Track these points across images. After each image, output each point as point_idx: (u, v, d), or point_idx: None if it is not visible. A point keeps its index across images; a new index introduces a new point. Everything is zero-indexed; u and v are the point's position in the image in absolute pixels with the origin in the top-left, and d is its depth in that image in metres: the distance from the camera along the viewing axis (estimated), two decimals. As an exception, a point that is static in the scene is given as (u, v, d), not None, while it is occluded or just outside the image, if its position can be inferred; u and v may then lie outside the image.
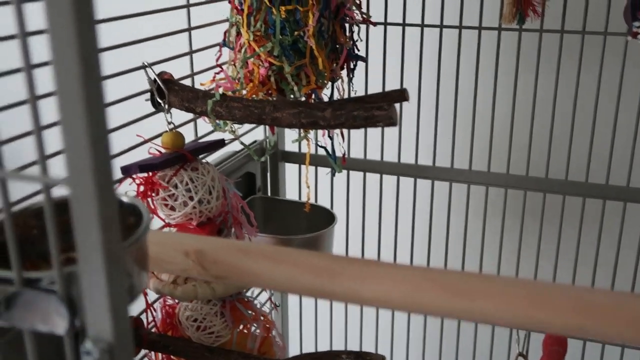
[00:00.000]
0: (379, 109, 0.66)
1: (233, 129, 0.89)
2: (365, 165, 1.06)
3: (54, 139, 0.39)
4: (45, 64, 0.51)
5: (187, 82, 0.82)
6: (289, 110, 0.70)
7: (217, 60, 0.87)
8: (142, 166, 0.68)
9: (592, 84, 0.93)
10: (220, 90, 0.74)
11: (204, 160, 0.76)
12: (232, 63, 0.86)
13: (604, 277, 1.01)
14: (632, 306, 0.41)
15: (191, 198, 0.72)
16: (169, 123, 0.74)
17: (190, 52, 0.82)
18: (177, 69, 0.80)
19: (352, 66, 0.92)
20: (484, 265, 1.07)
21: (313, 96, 0.85)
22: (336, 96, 0.90)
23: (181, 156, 0.72)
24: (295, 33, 0.80)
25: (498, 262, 1.06)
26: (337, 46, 0.87)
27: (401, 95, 0.75)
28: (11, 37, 0.53)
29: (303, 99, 0.84)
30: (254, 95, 0.82)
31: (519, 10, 0.85)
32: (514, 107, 0.96)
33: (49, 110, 0.37)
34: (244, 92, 0.83)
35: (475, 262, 1.07)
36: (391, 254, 1.12)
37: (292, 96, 0.86)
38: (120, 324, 0.35)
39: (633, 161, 0.93)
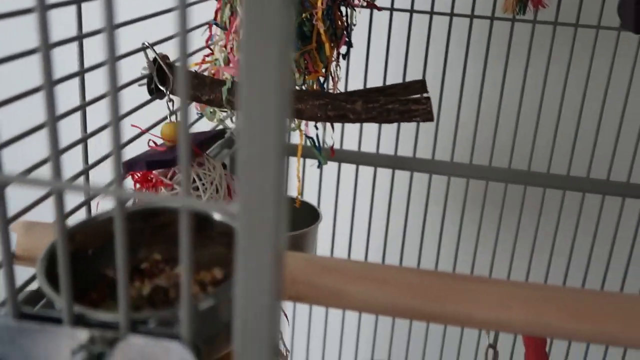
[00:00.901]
0: (416, 103, 0.61)
1: (222, 118, 0.81)
2: (341, 156, 1.01)
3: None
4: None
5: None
6: (313, 102, 0.64)
7: (207, 41, 0.79)
8: (151, 162, 0.60)
9: (561, 76, 0.92)
10: (228, 77, 0.67)
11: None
12: (224, 45, 0.78)
13: (595, 275, 1.02)
14: None
15: (199, 197, 0.64)
16: (172, 113, 0.66)
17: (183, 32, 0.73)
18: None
19: (342, 52, 0.86)
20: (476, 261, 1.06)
21: (314, 84, 0.79)
22: (330, 84, 0.84)
23: (188, 150, 0.64)
24: (303, 15, 0.73)
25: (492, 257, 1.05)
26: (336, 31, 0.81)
27: (422, 86, 0.70)
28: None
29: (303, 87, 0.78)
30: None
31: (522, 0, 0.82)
32: (501, 100, 0.94)
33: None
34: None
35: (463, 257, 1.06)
36: (363, 248, 1.08)
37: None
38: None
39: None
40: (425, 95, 0.63)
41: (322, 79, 0.80)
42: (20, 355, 0.31)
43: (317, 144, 0.90)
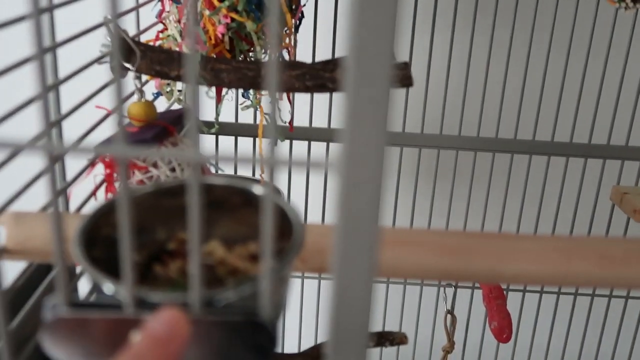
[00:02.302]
0: (396, 68, 0.61)
1: (180, 97, 0.78)
2: (310, 134, 0.99)
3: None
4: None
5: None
6: (290, 72, 0.62)
7: (159, 15, 0.75)
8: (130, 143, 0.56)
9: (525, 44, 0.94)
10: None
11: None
12: (177, 20, 0.74)
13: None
14: None
15: (176, 178, 0.61)
16: (139, 91, 0.62)
17: (137, 7, 0.69)
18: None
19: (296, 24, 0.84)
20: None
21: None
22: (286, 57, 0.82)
23: (162, 130, 0.61)
24: (263, -15, 0.71)
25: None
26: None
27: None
28: None
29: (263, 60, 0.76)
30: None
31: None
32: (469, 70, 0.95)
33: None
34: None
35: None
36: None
37: (243, 58, 0.77)
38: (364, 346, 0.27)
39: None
40: (405, 62, 0.63)
41: (282, 51, 0.78)
42: (80, 347, 0.28)
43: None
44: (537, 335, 1.11)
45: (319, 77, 0.62)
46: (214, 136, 1.00)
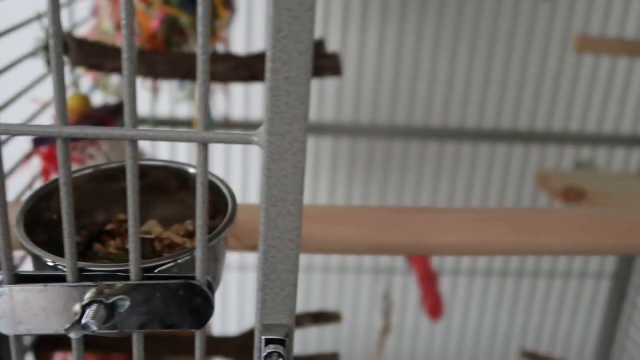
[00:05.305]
0: (326, 58, 0.63)
1: (117, 90, 0.79)
2: (247, 126, 1.01)
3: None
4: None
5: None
6: (223, 63, 0.63)
7: (94, 11, 0.75)
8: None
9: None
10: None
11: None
12: (111, 15, 0.75)
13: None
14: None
15: (113, 169, 0.62)
16: (74, 84, 0.63)
17: (70, 2, 0.70)
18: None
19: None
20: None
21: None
22: (220, 49, 0.84)
23: (98, 123, 0.62)
24: (196, -21, 0.72)
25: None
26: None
27: (322, 45, 0.72)
28: None
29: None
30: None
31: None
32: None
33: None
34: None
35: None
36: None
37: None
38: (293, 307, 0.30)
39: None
40: (333, 52, 0.65)
41: (216, 44, 0.80)
42: (29, 317, 0.29)
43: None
44: (469, 317, 1.17)
45: (252, 67, 0.64)
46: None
